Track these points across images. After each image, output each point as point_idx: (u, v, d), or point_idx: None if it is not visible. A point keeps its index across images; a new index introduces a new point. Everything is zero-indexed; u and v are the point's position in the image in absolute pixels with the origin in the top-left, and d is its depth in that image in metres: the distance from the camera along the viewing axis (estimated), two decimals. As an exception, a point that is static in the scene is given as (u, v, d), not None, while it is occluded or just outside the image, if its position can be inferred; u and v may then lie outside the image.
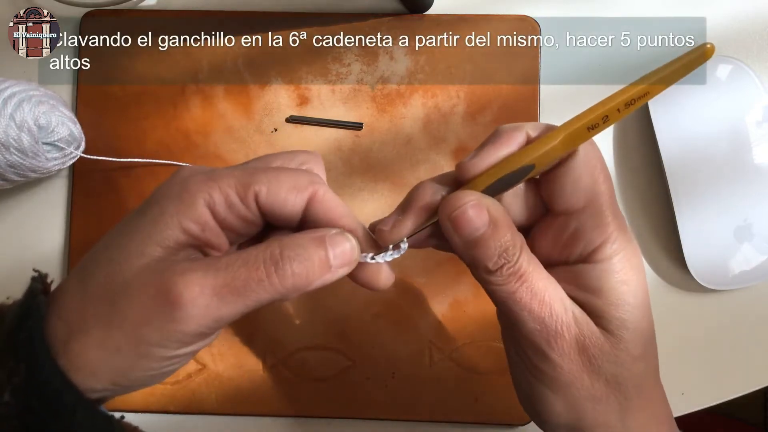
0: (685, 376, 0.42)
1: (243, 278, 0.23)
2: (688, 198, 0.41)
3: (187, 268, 0.22)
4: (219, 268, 0.23)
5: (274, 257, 0.23)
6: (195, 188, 0.24)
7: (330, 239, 0.24)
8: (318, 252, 0.24)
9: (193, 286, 0.22)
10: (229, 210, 0.24)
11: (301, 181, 0.25)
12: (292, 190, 0.24)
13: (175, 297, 0.22)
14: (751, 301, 0.42)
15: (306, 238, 0.24)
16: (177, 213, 0.23)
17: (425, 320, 0.42)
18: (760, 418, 0.96)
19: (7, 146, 0.37)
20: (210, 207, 0.24)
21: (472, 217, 0.25)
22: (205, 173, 0.24)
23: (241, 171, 0.24)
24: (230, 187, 0.24)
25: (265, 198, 0.24)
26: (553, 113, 0.43)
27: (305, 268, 0.23)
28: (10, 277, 0.43)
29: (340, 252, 0.24)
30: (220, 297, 0.22)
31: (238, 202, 0.24)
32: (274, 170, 0.25)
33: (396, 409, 0.41)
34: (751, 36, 0.44)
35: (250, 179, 0.24)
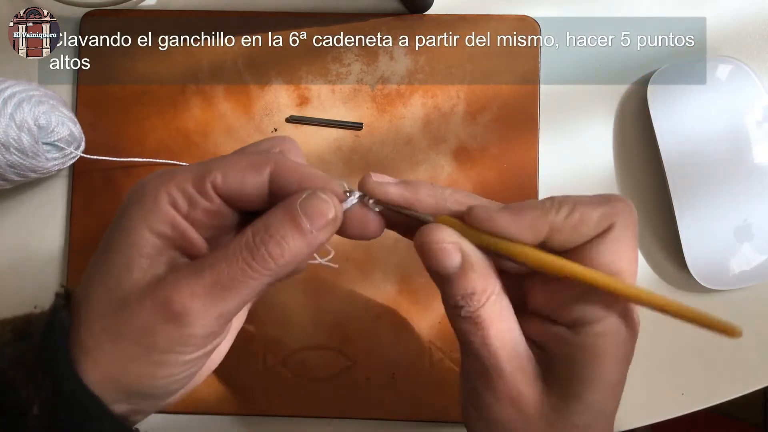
0: (685, 376, 0.42)
1: (227, 273, 0.23)
2: (688, 198, 0.41)
3: (176, 277, 0.23)
4: (204, 268, 0.23)
5: (249, 244, 0.23)
6: (154, 189, 0.23)
7: (301, 205, 0.23)
8: (288, 224, 0.23)
9: (185, 293, 0.22)
10: (190, 206, 0.24)
11: (256, 159, 0.24)
12: (248, 170, 0.24)
13: (171, 307, 0.22)
14: (751, 301, 0.42)
15: (275, 214, 0.23)
16: (144, 218, 0.23)
17: (425, 320, 0.42)
18: (760, 418, 0.96)
19: (7, 146, 0.37)
20: (173, 205, 0.23)
21: (443, 257, 0.24)
22: (164, 172, 0.24)
23: (198, 164, 0.24)
24: (186, 181, 0.24)
25: (221, 184, 0.24)
26: (553, 113, 0.43)
27: (280, 246, 0.23)
28: (11, 277, 0.43)
29: (316, 214, 0.24)
30: (213, 296, 0.22)
31: (197, 195, 0.24)
32: (228, 156, 0.25)
33: (396, 409, 0.41)
34: (751, 36, 0.44)
35: (204, 169, 0.24)
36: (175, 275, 0.23)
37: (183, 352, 0.23)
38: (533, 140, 0.43)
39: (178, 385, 0.24)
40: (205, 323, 0.22)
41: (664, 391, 0.42)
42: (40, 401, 0.22)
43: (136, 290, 0.23)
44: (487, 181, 0.43)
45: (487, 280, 0.25)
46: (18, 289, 0.43)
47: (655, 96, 0.42)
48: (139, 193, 0.24)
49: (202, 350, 0.24)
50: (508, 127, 0.43)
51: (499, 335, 0.25)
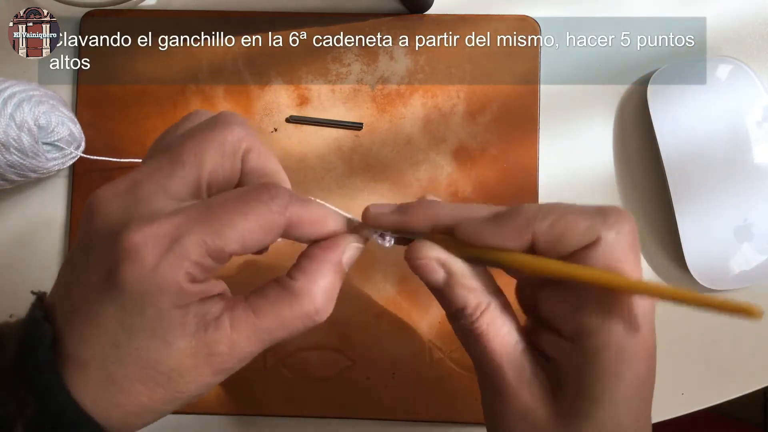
0: (685, 376, 0.42)
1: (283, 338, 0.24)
2: (688, 198, 0.41)
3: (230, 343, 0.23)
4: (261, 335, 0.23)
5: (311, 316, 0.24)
6: (171, 274, 0.21)
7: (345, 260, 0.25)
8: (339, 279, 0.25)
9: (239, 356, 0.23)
10: (206, 273, 0.22)
11: (271, 220, 0.23)
12: (267, 235, 0.23)
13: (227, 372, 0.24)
14: (751, 301, 0.42)
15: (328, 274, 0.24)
16: (170, 304, 0.22)
17: (425, 320, 0.42)
18: (760, 418, 0.96)
19: (7, 146, 0.37)
20: (192, 281, 0.22)
21: (428, 271, 0.25)
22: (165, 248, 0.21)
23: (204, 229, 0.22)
24: (203, 257, 0.22)
25: (239, 253, 0.23)
26: (553, 113, 0.43)
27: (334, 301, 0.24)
28: (10, 277, 0.43)
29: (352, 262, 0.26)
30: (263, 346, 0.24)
31: (213, 264, 0.22)
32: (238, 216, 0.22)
33: (396, 409, 0.41)
34: (751, 36, 0.44)
35: (219, 241, 0.22)
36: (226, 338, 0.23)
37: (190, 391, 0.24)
38: (533, 140, 0.43)
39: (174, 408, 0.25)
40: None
41: (664, 391, 0.42)
42: (24, 420, 0.21)
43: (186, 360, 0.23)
44: (487, 181, 0.43)
45: (477, 294, 0.25)
46: (18, 289, 0.43)
47: (655, 96, 0.42)
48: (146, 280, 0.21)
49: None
50: (508, 127, 0.43)
51: (500, 350, 0.25)
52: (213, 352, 0.23)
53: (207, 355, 0.22)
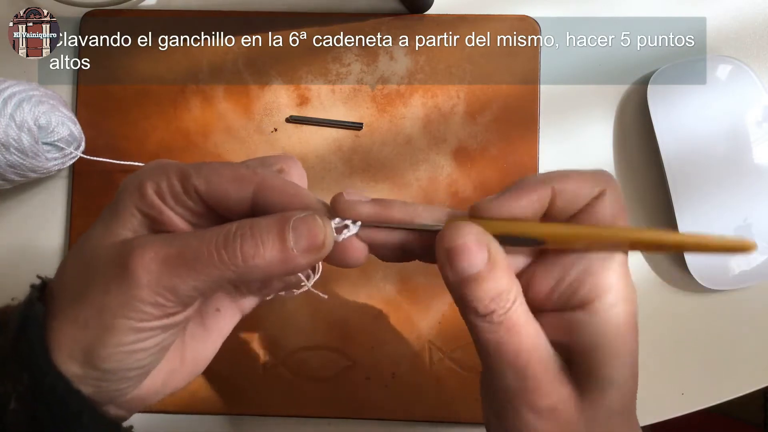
0: (685, 376, 0.42)
1: (193, 250, 0.22)
2: (688, 198, 0.41)
3: (145, 239, 0.23)
4: (173, 239, 0.23)
5: (227, 234, 0.23)
6: (144, 177, 0.24)
7: (295, 222, 0.23)
8: (274, 233, 0.23)
9: (146, 254, 0.22)
10: (174, 200, 0.24)
11: (242, 174, 0.24)
12: (232, 182, 0.24)
13: (128, 263, 0.22)
14: (751, 301, 0.42)
15: (266, 218, 0.23)
16: (132, 201, 0.24)
17: (425, 320, 0.42)
18: (760, 418, 0.96)
19: (7, 146, 0.37)
20: (158, 195, 0.24)
21: (471, 253, 0.23)
22: (157, 164, 0.25)
23: (190, 164, 0.25)
24: (173, 176, 0.24)
25: (204, 191, 0.24)
26: (553, 113, 0.43)
27: (256, 249, 0.22)
28: (10, 277, 0.43)
29: (306, 236, 0.23)
30: (171, 266, 0.22)
31: (182, 192, 0.24)
32: (217, 164, 0.25)
33: (396, 409, 0.41)
34: (751, 36, 0.44)
35: (190, 171, 0.24)
36: (144, 238, 0.23)
37: (130, 317, 0.23)
38: (533, 140, 0.43)
39: (134, 362, 0.24)
40: (154, 289, 0.22)
41: (664, 391, 0.42)
42: (17, 395, 0.22)
43: (106, 251, 0.23)
44: (487, 181, 0.43)
45: (512, 277, 0.24)
46: (18, 289, 0.43)
47: (655, 96, 0.42)
48: (134, 179, 0.24)
49: (152, 322, 0.23)
50: (508, 127, 0.43)
51: (530, 340, 0.24)
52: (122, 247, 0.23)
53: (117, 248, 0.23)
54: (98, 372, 0.23)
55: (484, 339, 0.24)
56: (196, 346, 0.28)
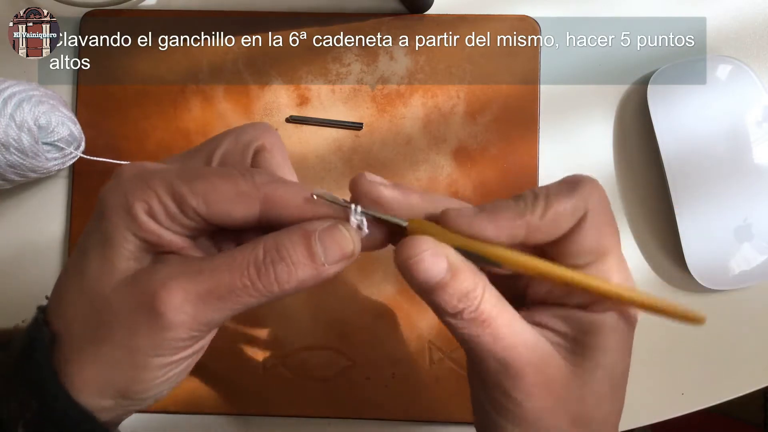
0: (685, 376, 0.42)
1: (227, 284, 0.22)
2: (688, 198, 0.41)
3: (167, 275, 0.22)
4: (202, 272, 0.22)
5: (257, 262, 0.22)
6: (132, 198, 0.22)
7: (320, 236, 0.22)
8: (303, 252, 0.22)
9: (176, 294, 0.21)
10: (171, 220, 0.23)
11: (243, 189, 0.22)
12: (235, 202, 0.22)
13: (159, 307, 0.21)
14: (751, 301, 0.42)
15: (290, 237, 0.22)
16: (124, 226, 0.22)
17: (425, 320, 0.42)
18: (760, 418, 0.96)
19: (7, 146, 0.37)
20: (152, 216, 0.22)
21: (428, 266, 0.23)
22: (140, 177, 0.22)
23: (177, 176, 0.22)
24: (166, 195, 0.22)
25: (204, 213, 0.22)
26: (553, 113, 0.43)
27: (290, 272, 0.22)
28: (10, 277, 0.43)
29: (335, 248, 0.23)
30: (206, 303, 0.22)
31: (178, 212, 0.22)
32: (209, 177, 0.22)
33: (396, 409, 0.41)
34: (751, 36, 0.44)
35: (183, 190, 0.22)
36: (163, 273, 0.22)
37: (165, 354, 0.22)
38: (533, 140, 0.43)
39: (164, 386, 0.24)
40: (191, 328, 0.22)
41: (664, 391, 0.42)
42: (25, 420, 0.21)
43: (117, 286, 0.22)
44: (487, 181, 0.43)
45: (477, 276, 0.24)
46: (18, 289, 0.43)
47: (655, 96, 0.42)
48: (119, 197, 0.22)
49: (186, 351, 0.23)
50: (508, 127, 0.43)
51: (506, 326, 0.24)
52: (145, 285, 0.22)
53: (137, 289, 0.22)
54: (132, 401, 0.23)
55: (460, 335, 0.24)
56: None
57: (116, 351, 0.22)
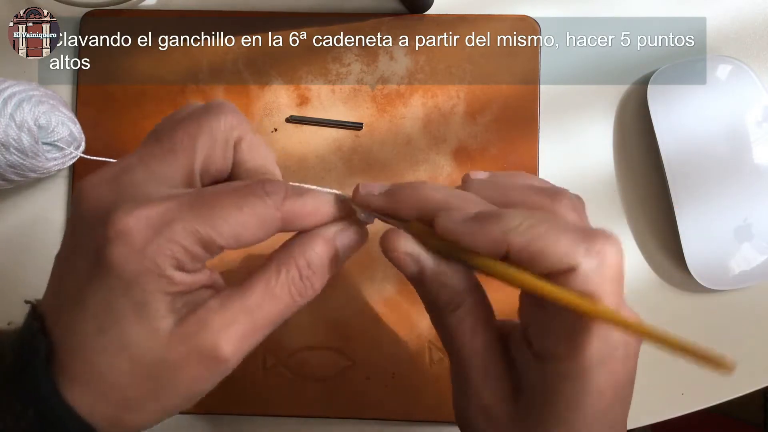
0: (685, 376, 0.42)
1: (276, 313, 0.23)
2: (688, 198, 0.41)
3: (220, 326, 0.22)
4: (251, 310, 0.22)
5: (296, 283, 0.23)
6: (161, 259, 0.21)
7: (340, 240, 0.25)
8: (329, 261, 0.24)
9: (235, 340, 0.22)
10: (195, 262, 0.22)
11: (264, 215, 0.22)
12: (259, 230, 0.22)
13: (222, 356, 0.22)
14: (751, 301, 0.42)
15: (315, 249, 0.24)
16: (158, 289, 0.21)
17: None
18: (760, 418, 0.96)
19: (7, 146, 0.37)
20: (181, 269, 0.21)
21: (401, 264, 0.25)
22: (159, 232, 0.21)
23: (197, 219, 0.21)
24: (193, 244, 0.21)
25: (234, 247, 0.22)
26: (553, 113, 0.43)
27: (323, 279, 0.24)
28: (10, 277, 0.43)
29: (350, 247, 0.25)
30: (258, 335, 0.23)
31: (204, 254, 0.22)
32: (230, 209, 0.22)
33: (396, 409, 0.41)
34: (751, 36, 0.44)
35: (210, 233, 0.21)
36: (216, 320, 0.22)
37: (213, 386, 0.23)
38: (533, 140, 0.43)
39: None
40: (241, 358, 0.23)
41: (664, 391, 0.42)
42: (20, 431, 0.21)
43: (175, 349, 0.21)
44: (487, 181, 0.43)
45: (449, 291, 0.25)
46: (18, 290, 0.43)
47: (655, 96, 0.42)
48: (141, 268, 0.21)
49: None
50: (508, 127, 0.43)
51: (468, 347, 0.25)
52: (204, 337, 0.21)
53: (195, 344, 0.21)
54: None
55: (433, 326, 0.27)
56: None
57: (179, 402, 0.23)
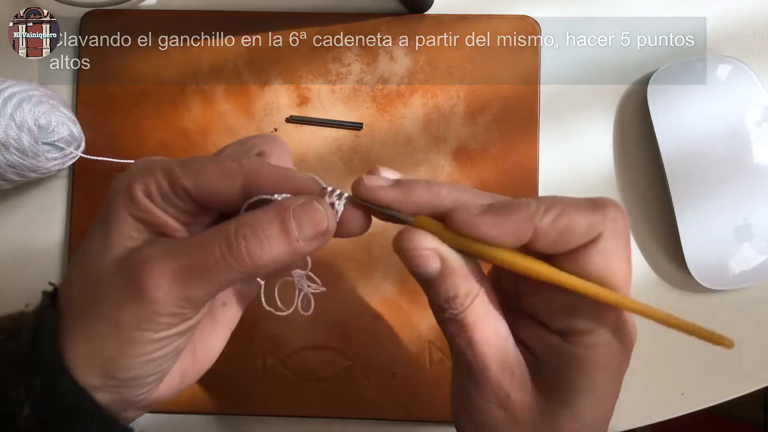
0: (685, 376, 0.42)
1: (200, 260, 0.22)
2: (688, 198, 0.41)
3: (148, 253, 0.23)
4: (178, 250, 0.23)
5: (228, 237, 0.22)
6: (133, 179, 0.24)
7: (294, 211, 0.23)
8: (277, 227, 0.23)
9: (154, 270, 0.22)
10: (165, 201, 0.24)
11: (228, 168, 0.24)
12: (220, 178, 0.23)
13: (138, 281, 0.22)
14: (751, 301, 0.42)
15: (265, 212, 0.23)
16: (124, 205, 0.24)
17: (425, 320, 0.42)
18: (760, 418, 0.96)
19: (7, 146, 0.37)
20: (147, 195, 0.24)
21: (421, 264, 0.24)
22: (146, 164, 0.24)
23: (177, 162, 0.24)
24: (161, 176, 0.23)
25: (193, 190, 0.24)
26: (553, 113, 0.43)
27: (261, 247, 0.22)
28: (10, 278, 0.43)
29: (309, 224, 0.23)
30: (182, 279, 0.22)
31: (170, 192, 0.24)
32: (202, 159, 0.24)
33: (396, 409, 0.41)
34: (751, 36, 0.44)
35: (176, 170, 0.23)
36: (147, 250, 0.23)
37: (149, 329, 0.23)
38: (533, 140, 0.43)
39: (153, 368, 0.24)
40: (171, 303, 0.22)
41: (664, 391, 0.42)
42: (31, 402, 0.22)
43: (109, 267, 0.23)
44: (487, 181, 0.43)
45: (469, 282, 0.24)
46: (18, 289, 0.43)
47: (655, 96, 0.42)
48: (123, 181, 0.24)
49: (170, 330, 0.23)
50: (508, 127, 0.43)
51: (485, 337, 0.24)
52: (130, 263, 0.23)
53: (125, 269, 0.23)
54: (118, 381, 0.23)
55: (442, 327, 0.26)
56: (206, 342, 0.29)
57: (103, 325, 0.23)
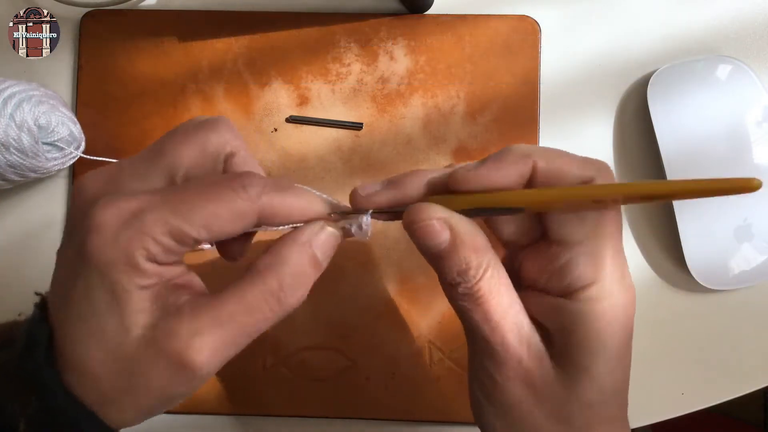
0: (685, 376, 0.42)
1: (248, 324, 0.22)
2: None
3: (190, 332, 0.21)
4: (220, 319, 0.22)
5: (275, 294, 0.22)
6: (132, 249, 0.21)
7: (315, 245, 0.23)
8: (310, 268, 0.23)
9: (204, 350, 0.21)
10: (174, 256, 0.22)
11: (240, 208, 0.22)
12: (234, 222, 0.22)
13: (190, 365, 0.21)
14: (751, 301, 0.42)
15: (294, 259, 0.23)
16: (130, 281, 0.21)
17: (425, 320, 0.42)
18: (760, 418, 0.96)
19: (7, 146, 0.37)
20: (152, 260, 0.22)
21: (432, 232, 0.24)
22: (129, 224, 0.21)
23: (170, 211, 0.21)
24: (164, 235, 0.21)
25: (206, 239, 0.22)
26: (553, 113, 0.43)
27: (304, 288, 0.23)
28: (10, 277, 0.43)
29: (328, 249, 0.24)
30: (232, 346, 0.22)
31: (176, 246, 0.22)
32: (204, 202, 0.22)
33: (396, 409, 0.41)
34: (751, 36, 0.44)
35: (183, 226, 0.21)
36: (186, 330, 0.22)
37: (190, 392, 0.23)
38: (533, 140, 0.43)
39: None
40: (216, 366, 0.22)
41: (664, 391, 0.42)
42: (26, 419, 0.22)
43: (145, 351, 0.22)
44: (487, 181, 0.43)
45: (480, 253, 0.24)
46: (18, 289, 0.43)
47: (655, 96, 0.42)
48: (111, 249, 0.21)
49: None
50: (508, 127, 0.43)
51: (500, 309, 0.24)
52: (172, 344, 0.21)
53: (165, 348, 0.21)
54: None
55: (454, 304, 0.25)
56: None
57: (152, 401, 0.22)
